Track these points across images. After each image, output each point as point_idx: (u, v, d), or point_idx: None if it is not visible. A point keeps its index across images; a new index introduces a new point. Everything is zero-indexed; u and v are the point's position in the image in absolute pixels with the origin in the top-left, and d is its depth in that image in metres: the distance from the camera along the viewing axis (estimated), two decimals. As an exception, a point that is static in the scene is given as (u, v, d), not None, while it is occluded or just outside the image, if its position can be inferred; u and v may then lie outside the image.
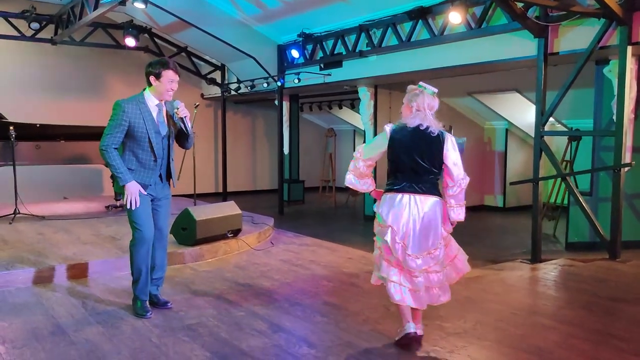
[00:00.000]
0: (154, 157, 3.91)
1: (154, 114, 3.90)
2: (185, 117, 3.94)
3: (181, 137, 4.11)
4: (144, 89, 3.94)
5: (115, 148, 3.80)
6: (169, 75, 3.85)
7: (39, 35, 10.55)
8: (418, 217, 3.34)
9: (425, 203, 3.38)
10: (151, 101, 3.90)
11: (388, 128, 3.49)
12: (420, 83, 3.62)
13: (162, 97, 3.91)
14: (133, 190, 3.81)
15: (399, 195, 3.39)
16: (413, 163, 3.38)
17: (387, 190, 3.47)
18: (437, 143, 3.44)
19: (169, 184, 4.13)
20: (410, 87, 3.63)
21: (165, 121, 3.98)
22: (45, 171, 9.70)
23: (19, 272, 4.79)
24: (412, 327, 3.36)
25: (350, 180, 3.62)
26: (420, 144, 3.41)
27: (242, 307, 4.20)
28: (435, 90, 3.61)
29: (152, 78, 3.85)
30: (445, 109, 11.17)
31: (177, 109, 3.93)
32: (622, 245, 5.94)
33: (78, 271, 5.05)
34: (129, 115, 3.79)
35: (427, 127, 3.43)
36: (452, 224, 3.55)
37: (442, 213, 3.46)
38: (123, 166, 3.80)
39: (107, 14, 9.45)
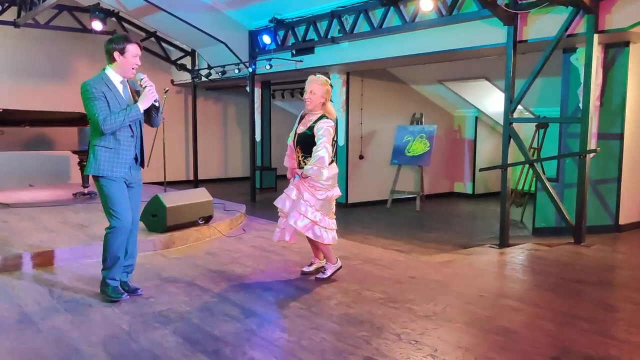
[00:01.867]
0: (131, 132, 3.85)
1: (121, 91, 3.83)
2: (151, 86, 3.83)
3: (149, 112, 4.02)
4: (104, 68, 3.83)
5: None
6: (132, 49, 3.78)
7: (1, 18, 10.19)
8: None
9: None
10: (115, 78, 3.81)
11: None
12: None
13: (125, 74, 3.83)
14: (148, 95, 3.80)
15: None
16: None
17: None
18: None
19: (140, 171, 4.07)
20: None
21: (132, 98, 3.90)
22: (9, 158, 9.44)
23: (-18, 260, 4.66)
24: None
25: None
26: None
27: (213, 293, 4.18)
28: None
29: (116, 54, 3.76)
30: (416, 96, 11.27)
31: (141, 79, 3.85)
32: (587, 229, 6.11)
33: (45, 259, 4.94)
34: (100, 89, 3.70)
35: None
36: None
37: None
38: (127, 110, 3.73)
39: (73, -4, 9.20)
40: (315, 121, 4.30)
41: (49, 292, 4.15)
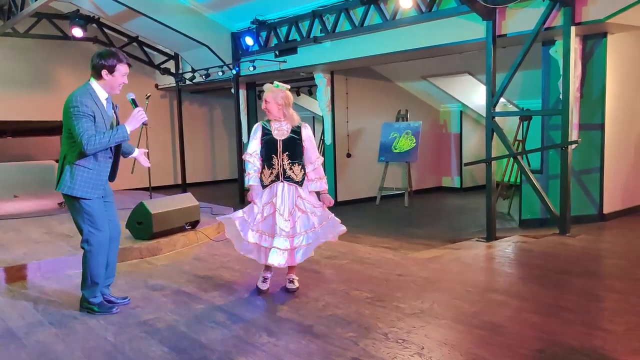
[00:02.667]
0: (110, 153, 3.79)
1: (106, 108, 3.75)
2: (140, 108, 3.75)
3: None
4: (88, 81, 3.72)
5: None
6: (122, 69, 3.70)
7: (-21, 28, 10.08)
8: None
9: None
10: (101, 94, 3.71)
11: None
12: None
13: (112, 91, 3.75)
14: (137, 116, 3.72)
15: None
16: None
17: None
18: None
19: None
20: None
21: (114, 115, 3.86)
22: (-8, 169, 9.34)
23: (-34, 275, 4.61)
24: None
25: None
26: None
27: (201, 300, 4.17)
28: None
29: (104, 72, 3.64)
30: (401, 93, 11.29)
31: (132, 100, 3.79)
32: (572, 220, 6.15)
33: (29, 272, 4.89)
34: (89, 107, 3.58)
35: None
36: None
37: None
38: (113, 131, 3.63)
39: (51, 4, 9.09)
40: (297, 126, 4.18)
41: (34, 306, 4.11)
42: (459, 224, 8.25)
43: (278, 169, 4.13)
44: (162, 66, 12.58)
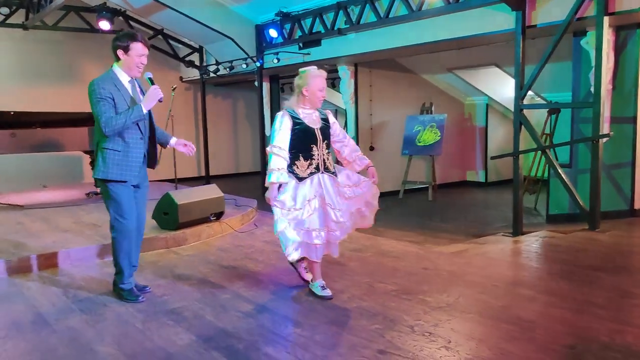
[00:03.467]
0: (140, 134, 3.80)
1: (129, 90, 3.78)
2: (156, 86, 3.76)
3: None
4: (112, 66, 3.77)
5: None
6: (137, 48, 3.69)
7: (9, 21, 10.26)
8: None
9: None
10: (123, 77, 3.75)
11: None
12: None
13: (130, 73, 3.75)
14: (153, 93, 3.70)
15: None
16: None
17: None
18: None
19: (146, 170, 4.05)
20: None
21: (141, 97, 3.87)
22: (23, 159, 9.53)
23: (-2, 262, 4.72)
24: None
25: None
26: None
27: (226, 290, 4.19)
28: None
29: (120, 52, 3.70)
30: (425, 85, 11.18)
31: (149, 78, 3.81)
32: (601, 215, 6.02)
33: (58, 260, 4.98)
34: (108, 90, 3.63)
35: None
36: None
37: None
38: (129, 110, 3.65)
39: (79, -3, 9.24)
40: (324, 113, 3.99)
41: (64, 293, 4.19)
42: (484, 219, 8.15)
43: (318, 159, 3.83)
44: (186, 59, 12.66)
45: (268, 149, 3.79)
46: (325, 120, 3.96)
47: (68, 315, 3.69)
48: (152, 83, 3.78)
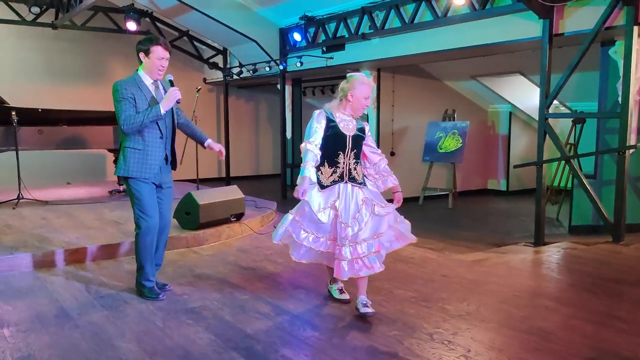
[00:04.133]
0: (160, 134, 3.88)
1: (152, 92, 3.88)
2: (175, 88, 3.83)
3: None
4: (137, 69, 3.90)
5: None
6: (157, 51, 3.80)
7: (39, 20, 10.49)
8: None
9: None
10: (146, 79, 3.87)
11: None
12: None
13: (152, 75, 3.86)
14: (171, 94, 3.79)
15: None
16: None
17: None
18: None
19: (171, 169, 4.11)
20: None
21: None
22: (48, 156, 9.70)
23: (22, 256, 4.81)
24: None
25: None
26: None
27: (245, 291, 4.22)
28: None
29: (141, 55, 3.83)
30: (448, 92, 11.12)
31: (169, 80, 3.88)
32: (626, 228, 5.92)
33: (81, 255, 5.07)
34: (130, 91, 3.76)
35: None
36: None
37: None
38: (147, 110, 3.75)
39: (108, -2, 9.40)
40: (359, 122, 3.80)
41: (86, 288, 4.25)
42: (505, 228, 8.07)
43: (343, 168, 3.66)
44: (210, 60, 12.79)
45: (303, 145, 3.65)
46: (361, 130, 3.77)
47: (90, 311, 3.74)
48: (172, 85, 3.88)
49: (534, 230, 6.38)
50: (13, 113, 7.30)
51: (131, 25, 10.21)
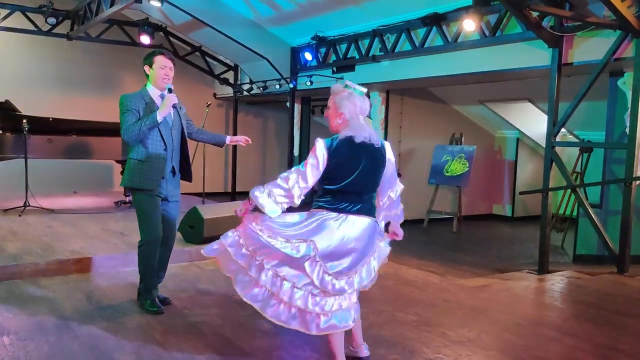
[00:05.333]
0: (163, 145, 3.91)
1: (158, 104, 3.92)
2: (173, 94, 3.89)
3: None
4: (145, 84, 3.99)
5: None
6: (159, 60, 3.90)
7: (55, 31, 10.65)
8: None
9: None
10: (153, 92, 3.95)
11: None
12: (347, 83, 3.14)
13: (158, 86, 3.93)
14: (167, 100, 3.82)
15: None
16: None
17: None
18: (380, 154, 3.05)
19: (179, 183, 4.14)
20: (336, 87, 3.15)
21: (172, 112, 3.98)
22: (56, 165, 9.77)
23: (26, 264, 4.83)
24: None
25: None
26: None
27: (247, 307, 4.15)
28: (364, 90, 3.14)
29: (146, 68, 3.94)
30: (456, 116, 11.16)
31: (169, 88, 3.91)
32: (631, 259, 5.88)
33: (84, 265, 5.08)
34: (135, 104, 3.83)
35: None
36: None
37: None
38: (141, 120, 3.79)
39: (123, 11, 9.53)
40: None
41: (87, 299, 4.26)
42: (509, 254, 8.03)
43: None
44: (221, 76, 12.91)
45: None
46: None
47: (90, 322, 3.74)
48: (171, 92, 3.94)
49: (538, 258, 6.35)
50: (24, 121, 7.39)
51: (145, 39, 10.34)
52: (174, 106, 3.98)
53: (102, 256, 5.22)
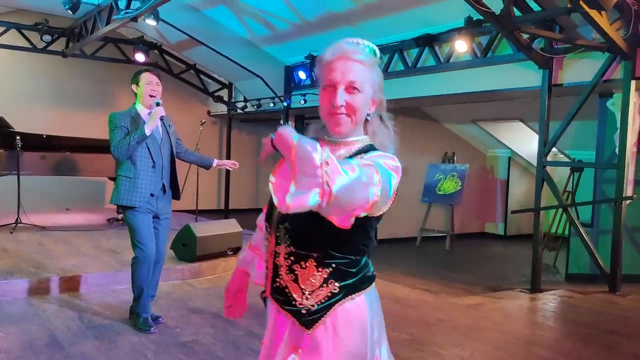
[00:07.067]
0: (152, 162, 3.93)
1: (146, 120, 3.94)
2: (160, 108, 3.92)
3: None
4: (134, 103, 4.03)
5: None
6: (145, 77, 3.95)
7: (50, 48, 10.68)
8: None
9: None
10: (142, 111, 3.98)
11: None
12: None
13: (145, 102, 3.96)
14: (154, 113, 3.85)
15: None
16: None
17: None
18: None
19: (171, 200, 4.15)
20: None
21: (160, 129, 4.01)
22: (49, 181, 9.74)
23: (17, 282, 4.80)
24: None
25: None
26: None
27: (239, 326, 4.19)
28: None
29: (134, 87, 3.98)
30: (448, 135, 11.25)
31: (157, 103, 3.93)
32: (622, 278, 5.91)
33: (76, 283, 5.05)
34: (124, 121, 3.87)
35: None
36: None
37: None
38: (131, 134, 3.81)
39: (118, 30, 9.58)
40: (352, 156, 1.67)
41: (79, 317, 4.23)
42: (501, 273, 8.05)
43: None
44: (215, 94, 12.97)
45: None
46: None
47: (82, 341, 3.72)
48: (158, 106, 3.97)
49: (530, 276, 6.37)
50: (17, 138, 7.38)
51: (140, 57, 10.40)
52: (163, 123, 4.01)
53: (94, 274, 5.19)
